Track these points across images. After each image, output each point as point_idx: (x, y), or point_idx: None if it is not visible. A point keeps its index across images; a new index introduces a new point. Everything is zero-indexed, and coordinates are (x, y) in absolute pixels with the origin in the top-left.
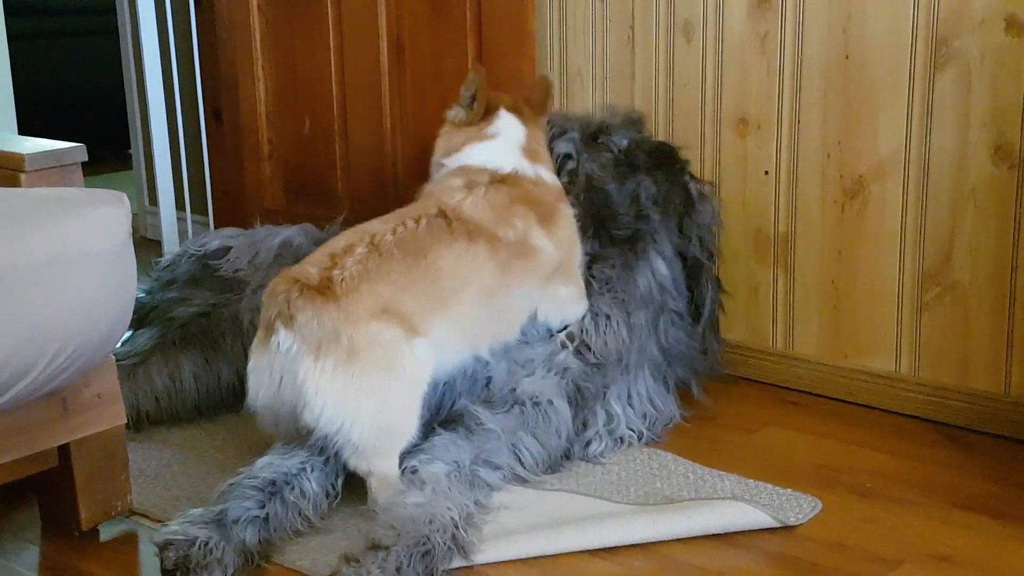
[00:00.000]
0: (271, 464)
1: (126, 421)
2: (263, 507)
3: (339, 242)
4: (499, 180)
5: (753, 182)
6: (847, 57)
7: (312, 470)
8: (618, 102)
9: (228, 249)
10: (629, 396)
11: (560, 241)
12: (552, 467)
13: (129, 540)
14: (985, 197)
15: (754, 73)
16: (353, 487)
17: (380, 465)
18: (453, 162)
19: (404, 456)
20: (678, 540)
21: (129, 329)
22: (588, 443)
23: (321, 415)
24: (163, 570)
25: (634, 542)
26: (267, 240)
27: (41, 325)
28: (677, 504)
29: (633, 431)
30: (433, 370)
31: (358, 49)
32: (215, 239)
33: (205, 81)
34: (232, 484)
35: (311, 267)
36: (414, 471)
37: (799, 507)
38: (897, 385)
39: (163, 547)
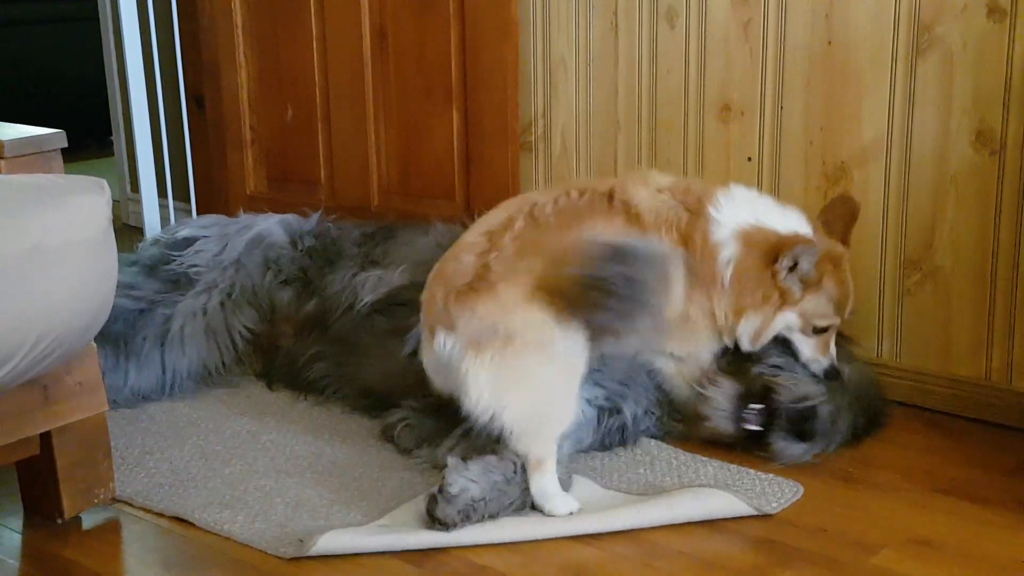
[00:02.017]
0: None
1: (107, 407)
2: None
3: (499, 215)
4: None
5: (736, 168)
6: (830, 43)
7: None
8: (602, 92)
9: (195, 239)
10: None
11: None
12: None
13: (112, 527)
14: (967, 183)
15: (737, 60)
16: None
17: (535, 450)
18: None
19: None
20: (661, 526)
21: None
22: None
23: (479, 403)
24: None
25: (617, 530)
26: (240, 233)
27: (21, 313)
28: (660, 493)
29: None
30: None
31: (341, 36)
32: (185, 228)
33: (187, 68)
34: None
35: (467, 256)
36: None
37: (780, 492)
38: (879, 371)
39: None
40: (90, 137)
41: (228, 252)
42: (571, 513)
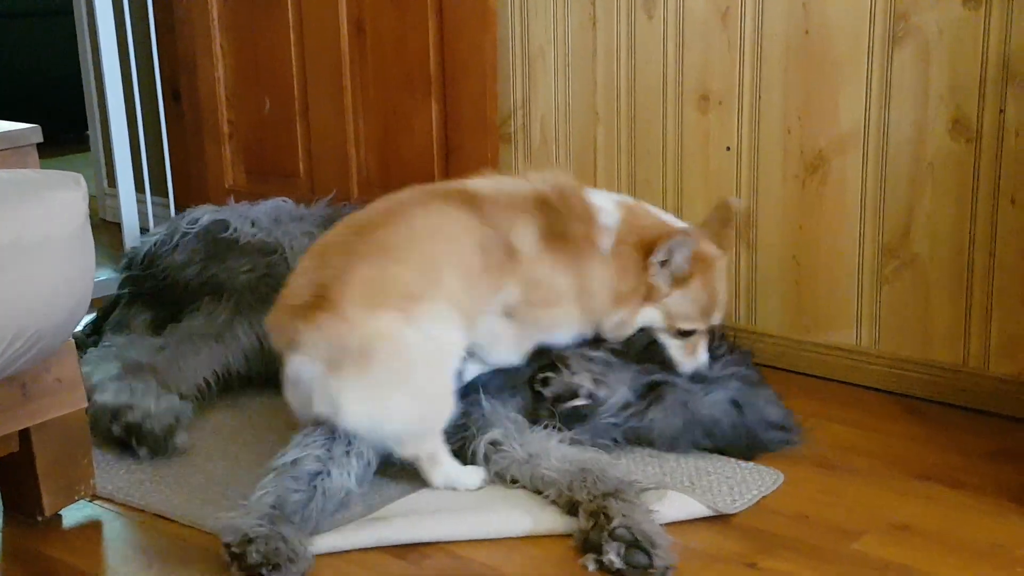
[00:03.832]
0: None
1: (87, 404)
2: (311, 500)
3: (327, 235)
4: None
5: (715, 158)
6: (807, 33)
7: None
8: (581, 82)
9: (223, 220)
10: None
11: (550, 269)
12: None
13: (93, 525)
14: (943, 171)
15: (715, 49)
16: None
17: (425, 448)
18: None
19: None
20: None
21: (135, 309)
22: None
23: (357, 422)
24: (246, 565)
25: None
26: (252, 211)
27: None
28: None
29: None
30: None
31: (318, 28)
32: (203, 214)
33: (163, 61)
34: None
35: (300, 279)
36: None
37: (761, 480)
38: (858, 358)
39: (245, 542)
40: (66, 132)
41: (264, 221)
42: (484, 480)
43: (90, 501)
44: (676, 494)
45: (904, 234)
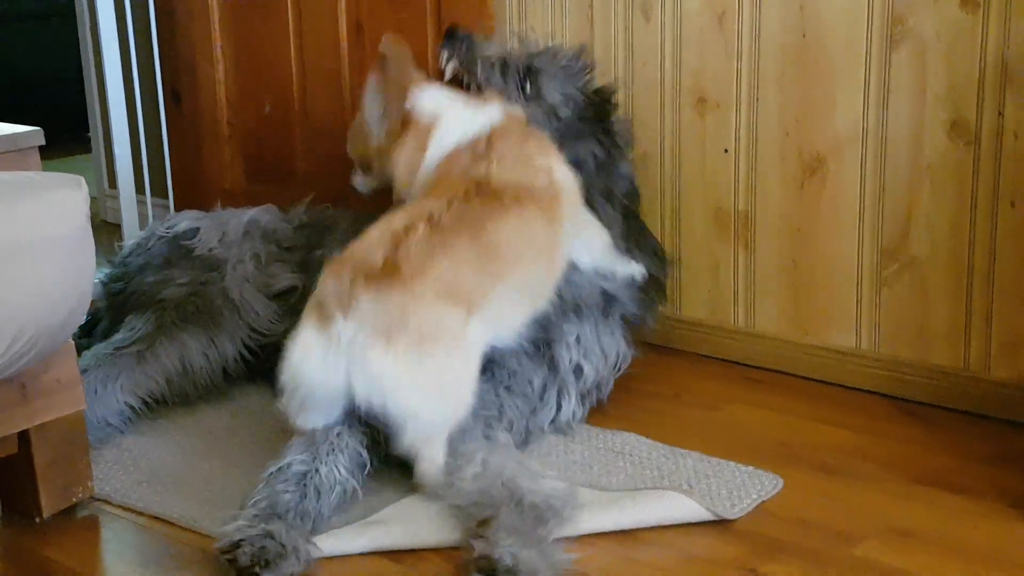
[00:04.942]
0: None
1: (85, 405)
2: (304, 498)
3: (398, 221)
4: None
5: (712, 160)
6: (804, 35)
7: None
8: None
9: (197, 230)
10: (579, 339)
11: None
12: (528, 434)
13: (91, 525)
14: (942, 173)
15: (712, 52)
16: None
17: (433, 449)
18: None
19: None
20: None
21: (108, 317)
22: (559, 406)
23: (390, 402)
24: (239, 568)
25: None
26: (233, 220)
27: None
28: (612, 497)
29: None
30: (487, 345)
31: (318, 30)
32: (182, 221)
33: (164, 63)
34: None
35: (376, 248)
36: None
37: (761, 485)
38: (857, 361)
39: (234, 546)
40: (67, 134)
41: (231, 235)
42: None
43: (88, 502)
44: (675, 495)
45: (903, 236)
